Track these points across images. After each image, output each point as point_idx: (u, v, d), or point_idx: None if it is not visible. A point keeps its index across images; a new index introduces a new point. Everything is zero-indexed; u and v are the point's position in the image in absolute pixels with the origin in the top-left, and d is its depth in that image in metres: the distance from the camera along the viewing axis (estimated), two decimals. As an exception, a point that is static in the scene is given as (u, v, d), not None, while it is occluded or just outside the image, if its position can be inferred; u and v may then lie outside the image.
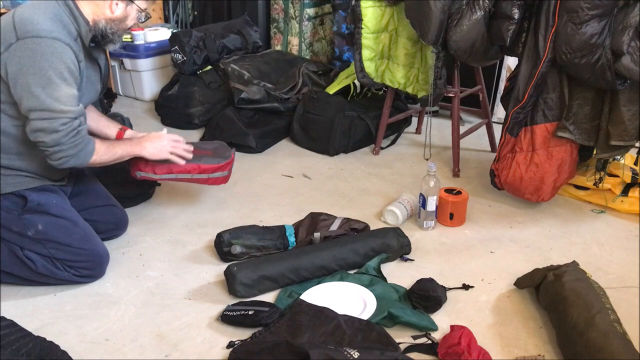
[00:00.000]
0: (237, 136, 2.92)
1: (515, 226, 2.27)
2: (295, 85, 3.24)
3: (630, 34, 1.92)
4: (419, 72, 2.74)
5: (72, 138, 1.71)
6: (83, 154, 1.76)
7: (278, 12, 3.82)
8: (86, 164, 1.80)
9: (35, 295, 1.81)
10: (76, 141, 1.72)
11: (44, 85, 1.64)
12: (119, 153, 1.90)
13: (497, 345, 1.61)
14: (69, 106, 1.68)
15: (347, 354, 1.39)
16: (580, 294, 1.61)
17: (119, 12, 1.80)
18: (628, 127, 2.08)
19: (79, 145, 1.73)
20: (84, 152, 1.76)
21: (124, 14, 1.82)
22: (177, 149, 2.04)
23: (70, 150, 1.72)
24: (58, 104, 1.66)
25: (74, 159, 1.75)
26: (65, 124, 1.68)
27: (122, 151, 1.91)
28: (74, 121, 1.70)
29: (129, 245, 2.09)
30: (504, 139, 2.30)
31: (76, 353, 1.54)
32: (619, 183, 2.37)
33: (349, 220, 2.15)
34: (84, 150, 1.76)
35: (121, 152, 1.91)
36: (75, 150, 1.73)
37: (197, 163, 2.10)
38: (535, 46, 2.12)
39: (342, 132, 2.90)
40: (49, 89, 1.65)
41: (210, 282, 1.89)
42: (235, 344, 1.58)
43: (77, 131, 1.72)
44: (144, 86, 3.68)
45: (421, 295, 1.74)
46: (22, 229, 1.75)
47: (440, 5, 2.31)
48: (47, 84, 1.64)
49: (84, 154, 1.76)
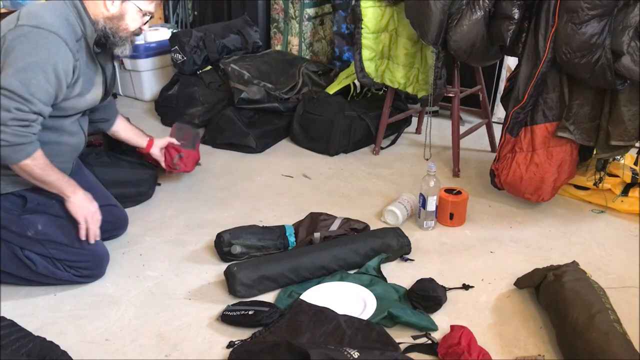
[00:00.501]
0: (237, 136, 2.92)
1: (515, 226, 2.27)
2: (295, 85, 3.24)
3: (630, 34, 1.92)
4: (419, 72, 2.74)
5: (18, 126, 1.63)
6: (20, 148, 1.65)
7: (278, 12, 3.82)
8: (16, 162, 1.68)
9: (35, 295, 1.81)
10: (20, 132, 1.63)
11: (21, 69, 1.62)
12: (52, 178, 1.76)
13: (497, 345, 1.61)
14: (34, 97, 1.64)
15: (347, 354, 1.39)
16: (580, 294, 1.61)
17: (114, 9, 1.79)
18: (628, 127, 2.08)
19: (21, 137, 1.64)
20: (21, 148, 1.65)
21: (120, 11, 1.80)
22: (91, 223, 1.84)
23: (10, 137, 1.62)
24: (24, 90, 1.62)
25: (9, 149, 1.64)
26: (20, 110, 1.62)
27: (55, 179, 1.77)
28: (30, 114, 1.64)
29: (129, 245, 2.09)
30: (504, 139, 2.30)
31: (76, 353, 1.54)
32: (619, 183, 2.37)
33: (349, 220, 2.15)
34: (23, 147, 1.66)
35: (54, 179, 1.76)
36: (14, 140, 1.63)
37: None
38: (535, 46, 2.12)
39: (342, 132, 2.90)
40: (23, 73, 1.62)
41: (210, 282, 1.89)
42: (235, 344, 1.59)
43: (28, 124, 1.65)
44: (144, 86, 3.68)
45: (421, 295, 1.74)
46: (21, 229, 1.75)
47: (440, 5, 2.31)
48: (25, 69, 1.62)
49: (21, 149, 1.66)
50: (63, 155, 1.88)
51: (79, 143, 1.94)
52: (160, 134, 3.10)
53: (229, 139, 2.94)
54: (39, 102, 1.66)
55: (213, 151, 2.89)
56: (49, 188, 1.79)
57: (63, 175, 1.81)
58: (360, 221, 2.16)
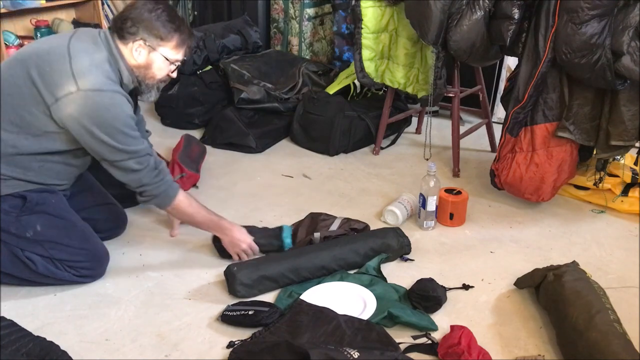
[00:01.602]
0: (237, 136, 2.92)
1: (515, 226, 2.27)
2: (295, 85, 3.24)
3: (630, 34, 1.92)
4: (419, 72, 2.74)
5: (154, 178, 1.79)
6: (164, 195, 1.83)
7: (278, 12, 3.82)
8: (165, 207, 1.87)
9: (35, 295, 1.81)
10: (158, 181, 1.80)
11: (111, 134, 1.69)
12: (199, 218, 1.93)
13: (497, 345, 1.61)
14: (136, 147, 1.74)
15: (347, 354, 1.39)
16: (580, 294, 1.61)
17: (141, 59, 1.79)
18: (628, 127, 2.08)
19: (161, 186, 1.81)
20: (164, 195, 1.83)
21: (147, 61, 1.79)
22: (243, 254, 1.98)
23: (155, 190, 1.81)
24: (126, 147, 1.72)
25: (156, 200, 1.84)
26: (140, 162, 1.74)
27: (202, 219, 1.94)
28: (147, 158, 1.77)
29: (129, 245, 2.09)
30: (504, 139, 2.30)
31: (76, 353, 1.54)
32: (619, 183, 2.37)
33: (349, 220, 2.15)
34: (165, 193, 1.83)
35: (201, 219, 1.94)
36: (158, 191, 1.81)
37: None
38: (535, 46, 2.12)
39: (342, 132, 2.90)
40: (116, 136, 1.70)
41: (210, 282, 1.89)
42: (235, 344, 1.59)
43: (158, 170, 1.80)
44: (144, 86, 3.67)
45: (421, 295, 1.74)
46: (20, 231, 1.75)
47: (440, 5, 2.31)
48: (114, 133, 1.70)
49: (164, 196, 1.83)
50: (70, 173, 1.90)
51: (85, 166, 1.95)
52: (160, 134, 3.12)
53: (229, 139, 2.94)
54: (140, 146, 1.76)
55: (213, 151, 2.89)
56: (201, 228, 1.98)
57: (211, 216, 1.95)
58: (360, 221, 2.16)
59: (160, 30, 1.77)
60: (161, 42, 1.78)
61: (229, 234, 1.95)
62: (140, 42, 1.76)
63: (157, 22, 1.76)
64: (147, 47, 1.77)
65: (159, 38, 1.77)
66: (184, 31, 1.83)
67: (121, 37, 1.77)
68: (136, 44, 1.76)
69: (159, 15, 1.77)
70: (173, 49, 1.81)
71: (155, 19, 1.76)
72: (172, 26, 1.79)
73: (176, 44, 1.81)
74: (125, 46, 1.77)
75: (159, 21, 1.76)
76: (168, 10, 1.81)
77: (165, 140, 2.98)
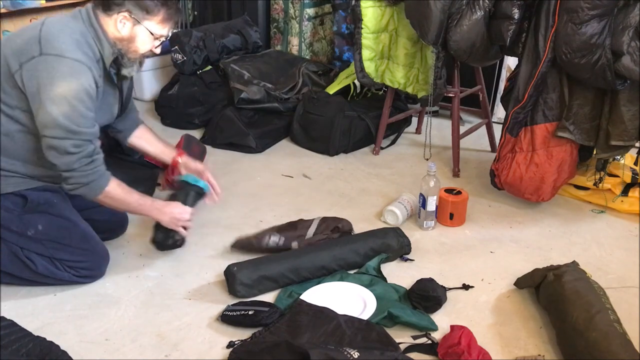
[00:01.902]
0: (237, 136, 2.92)
1: (515, 226, 2.27)
2: (295, 85, 3.24)
3: (630, 34, 1.92)
4: (419, 72, 2.74)
5: (85, 166, 1.70)
6: (94, 185, 1.74)
7: (278, 12, 3.82)
8: (95, 197, 1.78)
9: (35, 295, 1.81)
10: (88, 170, 1.71)
11: (59, 103, 1.63)
12: (133, 204, 1.86)
13: (497, 345, 1.61)
14: (82, 127, 1.67)
15: (347, 354, 1.39)
16: (580, 294, 1.61)
17: (125, 31, 1.74)
18: (628, 127, 2.08)
19: (90, 175, 1.72)
20: (94, 184, 1.74)
21: (131, 34, 1.75)
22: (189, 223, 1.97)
23: (82, 179, 1.72)
24: (70, 123, 1.65)
25: (84, 189, 1.74)
26: (78, 146, 1.67)
27: (136, 204, 1.86)
28: (86, 144, 1.69)
29: (129, 245, 2.09)
30: (504, 139, 2.30)
31: (76, 353, 1.54)
32: (619, 183, 2.37)
33: (327, 219, 2.14)
34: (95, 183, 1.74)
35: (135, 204, 1.86)
36: (86, 180, 1.72)
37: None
38: (535, 46, 2.12)
39: (342, 132, 2.90)
40: (63, 107, 1.63)
41: (210, 282, 1.89)
42: (235, 344, 1.59)
43: (92, 159, 1.72)
44: (144, 86, 3.67)
45: (421, 295, 1.74)
46: (22, 229, 1.75)
47: (440, 5, 2.31)
48: (62, 103, 1.63)
49: (94, 185, 1.75)
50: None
51: None
52: (160, 134, 3.10)
53: (229, 138, 2.94)
54: (88, 129, 1.69)
55: (213, 151, 2.89)
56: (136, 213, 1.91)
57: (143, 199, 1.87)
58: (339, 218, 2.15)
59: (147, 3, 1.73)
60: (147, 15, 1.74)
61: (167, 212, 1.90)
62: (125, 14, 1.72)
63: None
64: (132, 19, 1.73)
65: (145, 11, 1.73)
66: (171, 6, 1.79)
67: (106, 9, 1.72)
68: (121, 16, 1.72)
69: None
70: (159, 24, 1.77)
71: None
72: (160, 0, 1.75)
73: (162, 19, 1.77)
74: (109, 17, 1.73)
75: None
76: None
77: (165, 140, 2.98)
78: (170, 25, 1.81)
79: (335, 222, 2.12)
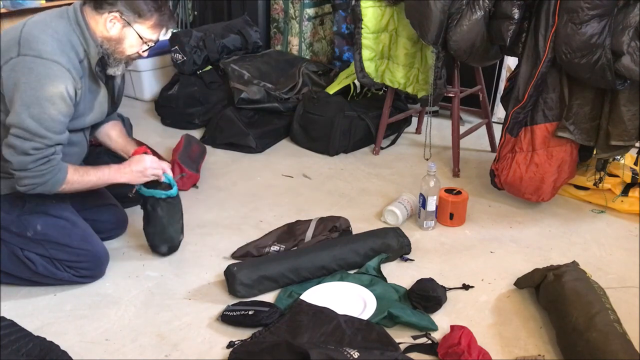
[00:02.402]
0: (237, 136, 2.92)
1: (515, 226, 2.27)
2: (295, 85, 3.24)
3: (630, 34, 1.92)
4: (419, 72, 2.74)
5: (40, 166, 1.64)
6: (52, 182, 1.68)
7: (278, 12, 3.82)
8: (55, 192, 1.72)
9: (35, 295, 1.81)
10: (44, 170, 1.65)
11: (30, 105, 1.60)
12: (93, 181, 1.79)
13: (497, 345, 1.61)
14: (49, 132, 1.63)
15: (347, 354, 1.39)
16: (580, 294, 1.61)
17: (114, 31, 1.71)
18: (628, 127, 2.08)
19: (46, 174, 1.66)
20: (52, 181, 1.68)
21: (120, 35, 1.72)
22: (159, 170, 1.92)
23: (37, 179, 1.65)
24: (38, 125, 1.61)
25: (41, 187, 1.68)
26: (38, 149, 1.62)
27: (96, 179, 1.79)
28: (47, 149, 1.64)
29: (129, 245, 2.09)
30: (504, 139, 2.30)
31: (76, 353, 1.54)
32: (619, 183, 2.37)
33: (324, 219, 2.14)
34: (53, 179, 1.68)
35: (95, 179, 1.79)
36: (42, 180, 1.66)
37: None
38: (535, 46, 2.12)
39: (342, 132, 2.90)
40: (33, 109, 1.60)
41: (210, 282, 1.89)
42: (235, 344, 1.59)
43: (48, 159, 1.65)
44: (144, 86, 3.67)
45: (421, 295, 1.74)
46: (21, 230, 1.75)
47: (440, 5, 2.31)
48: (34, 104, 1.60)
49: (52, 182, 1.68)
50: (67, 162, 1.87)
51: (82, 151, 1.92)
52: (160, 133, 3.12)
53: (229, 139, 2.94)
54: (55, 135, 1.65)
55: (213, 151, 2.89)
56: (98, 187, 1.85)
57: (100, 171, 1.81)
58: (335, 216, 2.15)
59: (141, 7, 1.70)
60: (138, 18, 1.71)
61: (127, 171, 1.84)
62: (115, 14, 1.69)
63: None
64: (122, 20, 1.70)
65: (137, 14, 1.70)
66: (165, 12, 1.76)
67: (97, 7, 1.69)
68: (111, 15, 1.69)
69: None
70: (149, 28, 1.75)
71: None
72: (154, 5, 1.72)
73: (154, 24, 1.74)
74: (99, 16, 1.70)
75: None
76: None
77: (165, 140, 2.98)
78: (161, 31, 1.78)
79: (332, 221, 2.12)
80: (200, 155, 2.69)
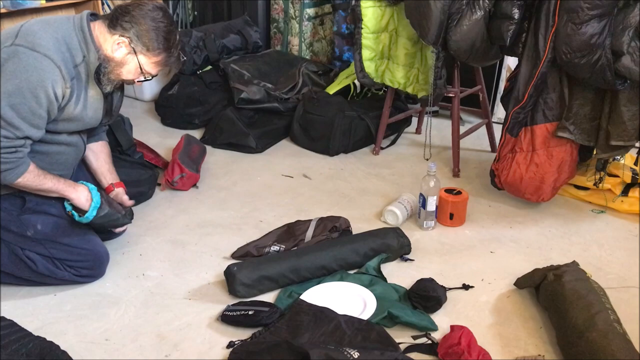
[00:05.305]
0: (237, 136, 2.92)
1: (515, 226, 2.27)
2: (295, 85, 3.24)
3: (630, 34, 1.92)
4: (419, 72, 2.74)
5: (7, 154, 1.62)
6: (9, 172, 1.66)
7: (278, 12, 3.82)
8: (9, 183, 1.69)
9: (35, 295, 1.81)
10: (9, 159, 1.63)
11: (11, 93, 1.59)
12: (48, 186, 1.76)
13: (497, 345, 1.61)
14: (24, 123, 1.62)
15: (347, 354, 1.39)
16: (580, 294, 1.61)
17: (118, 54, 1.73)
18: (628, 127, 2.08)
19: (9, 164, 1.64)
20: (12, 172, 1.66)
21: (122, 59, 1.74)
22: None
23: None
24: (14, 115, 1.60)
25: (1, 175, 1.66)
26: (8, 137, 1.61)
27: (52, 186, 1.77)
28: (17, 140, 1.63)
29: (129, 245, 2.09)
30: (504, 139, 2.30)
31: (76, 353, 1.54)
32: (619, 183, 2.37)
33: (324, 219, 2.14)
34: (13, 170, 1.66)
35: (51, 186, 1.76)
36: (4, 167, 1.64)
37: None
38: (535, 46, 2.12)
39: (342, 132, 2.90)
40: (14, 98, 1.60)
41: (210, 282, 1.89)
42: (235, 344, 1.59)
43: (16, 150, 1.64)
44: (144, 86, 3.67)
45: (421, 295, 1.74)
46: (21, 229, 1.75)
47: (440, 5, 2.31)
48: (15, 94, 1.60)
49: (10, 172, 1.66)
50: (63, 163, 1.87)
51: (78, 152, 1.92)
52: (160, 134, 3.12)
53: (229, 139, 2.94)
54: (29, 127, 1.64)
55: (213, 151, 2.89)
56: (48, 195, 1.79)
57: (58, 180, 1.79)
58: (335, 216, 2.16)
59: (152, 42, 1.72)
60: (146, 51, 1.74)
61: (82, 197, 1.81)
62: (125, 40, 1.71)
63: (153, 32, 1.72)
64: (129, 47, 1.72)
65: (146, 47, 1.73)
66: (173, 54, 1.78)
67: (111, 26, 1.72)
68: (121, 39, 1.71)
69: (158, 28, 1.72)
70: (153, 64, 1.77)
71: (154, 29, 1.72)
72: (165, 45, 1.74)
73: (158, 61, 1.77)
74: (110, 35, 1.72)
75: (154, 32, 1.72)
76: (170, 28, 1.76)
77: (165, 140, 2.98)
78: (164, 70, 1.80)
79: (332, 221, 2.12)
80: (200, 155, 2.69)
